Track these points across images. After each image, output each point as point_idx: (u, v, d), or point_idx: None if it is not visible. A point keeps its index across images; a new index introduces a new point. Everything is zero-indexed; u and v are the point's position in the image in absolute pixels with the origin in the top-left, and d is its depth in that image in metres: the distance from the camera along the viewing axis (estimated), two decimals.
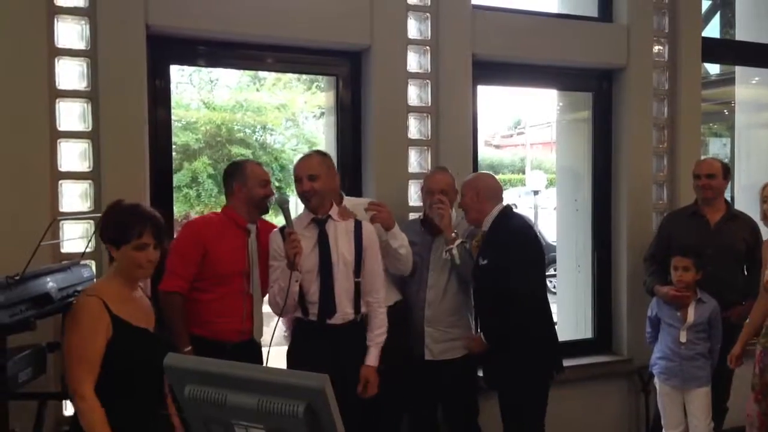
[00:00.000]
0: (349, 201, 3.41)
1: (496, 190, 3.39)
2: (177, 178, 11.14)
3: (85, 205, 3.23)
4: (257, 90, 12.69)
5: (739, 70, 5.76)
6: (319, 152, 3.21)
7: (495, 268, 3.18)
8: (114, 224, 2.28)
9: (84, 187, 3.23)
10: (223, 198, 3.35)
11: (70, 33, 3.20)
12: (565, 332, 4.86)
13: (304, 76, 11.11)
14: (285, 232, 2.94)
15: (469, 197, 3.37)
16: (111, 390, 2.19)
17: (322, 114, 9.30)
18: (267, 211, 3.25)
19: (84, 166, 3.23)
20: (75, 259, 2.95)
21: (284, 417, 1.42)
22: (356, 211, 3.25)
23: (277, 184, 11.96)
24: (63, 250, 3.15)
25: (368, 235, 3.11)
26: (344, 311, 3.04)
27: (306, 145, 12.86)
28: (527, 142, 20.90)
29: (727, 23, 6.55)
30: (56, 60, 3.16)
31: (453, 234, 3.34)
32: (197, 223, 3.36)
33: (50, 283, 2.47)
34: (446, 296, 3.43)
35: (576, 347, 4.49)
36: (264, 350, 3.10)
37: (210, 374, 1.52)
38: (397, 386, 3.36)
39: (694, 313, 3.61)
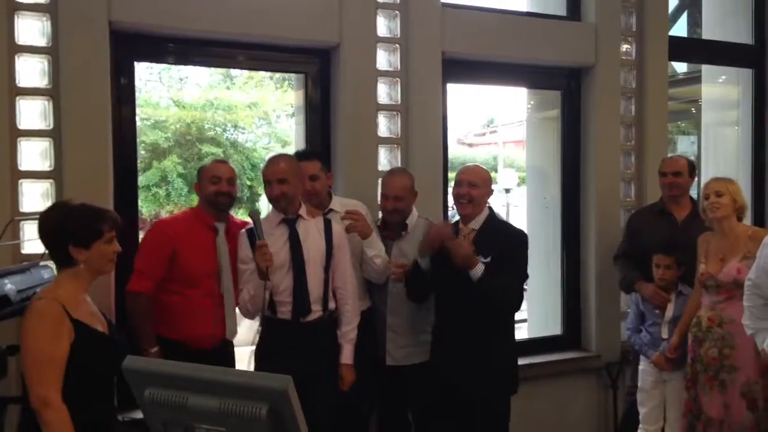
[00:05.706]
0: (338, 201, 3.39)
1: None
2: (146, 177, 10.99)
3: (46, 205, 3.13)
4: (228, 88, 12.56)
5: (706, 69, 5.83)
6: (286, 156, 3.18)
7: (498, 268, 3.02)
8: (81, 224, 2.20)
9: (45, 186, 3.17)
10: (193, 197, 3.32)
11: (30, 30, 3.14)
12: (535, 329, 4.89)
13: (276, 74, 11.03)
14: (255, 243, 2.89)
15: (484, 192, 3.18)
16: (73, 395, 2.13)
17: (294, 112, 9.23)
18: (223, 210, 3.20)
19: (45, 165, 3.17)
20: (35, 260, 2.89)
21: (247, 419, 1.40)
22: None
23: (248, 183, 11.85)
24: (24, 251, 3.08)
25: (338, 232, 3.11)
26: (314, 308, 3.03)
27: (278, 143, 12.77)
28: (500, 140, 20.95)
29: (694, 22, 6.62)
30: (16, 57, 3.09)
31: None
32: (165, 222, 3.33)
33: (8, 285, 2.41)
34: (407, 302, 3.34)
35: (545, 344, 4.53)
36: (246, 350, 3.09)
37: (170, 376, 1.49)
38: (366, 389, 3.33)
39: (674, 306, 3.62)
